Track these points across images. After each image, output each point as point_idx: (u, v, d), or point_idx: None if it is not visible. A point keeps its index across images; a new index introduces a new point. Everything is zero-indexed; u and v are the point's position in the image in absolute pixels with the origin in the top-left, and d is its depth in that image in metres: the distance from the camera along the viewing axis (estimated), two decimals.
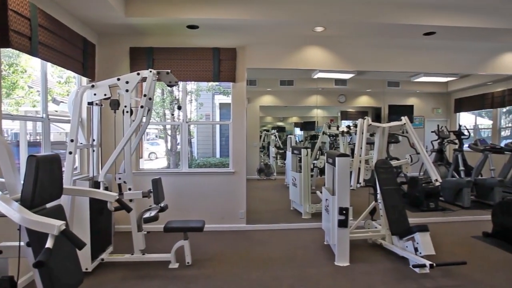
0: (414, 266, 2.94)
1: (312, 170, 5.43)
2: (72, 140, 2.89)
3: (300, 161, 4.92)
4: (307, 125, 7.42)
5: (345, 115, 7.24)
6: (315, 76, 5.49)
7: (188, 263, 3.21)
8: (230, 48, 4.29)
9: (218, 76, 4.25)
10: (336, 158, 3.12)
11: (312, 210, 4.79)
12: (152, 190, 3.17)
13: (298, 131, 7.69)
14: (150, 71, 3.06)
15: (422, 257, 3.02)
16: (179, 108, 4.00)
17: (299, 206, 4.96)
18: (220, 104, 8.24)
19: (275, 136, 7.38)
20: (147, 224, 3.21)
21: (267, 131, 7.50)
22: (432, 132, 6.32)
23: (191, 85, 8.14)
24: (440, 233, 4.22)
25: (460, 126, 6.22)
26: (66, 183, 2.82)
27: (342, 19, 3.87)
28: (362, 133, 3.52)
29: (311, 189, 4.96)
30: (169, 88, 7.40)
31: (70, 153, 2.87)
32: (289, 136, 6.56)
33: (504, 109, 6.59)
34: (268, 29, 4.20)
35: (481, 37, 4.48)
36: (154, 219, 2.98)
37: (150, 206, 3.22)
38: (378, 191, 3.52)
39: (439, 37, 4.46)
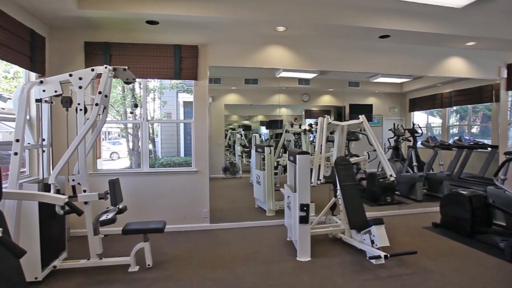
0: (370, 257, 3.09)
1: (276, 168, 5.50)
2: (17, 140, 2.68)
3: (264, 159, 4.96)
4: (272, 124, 7.49)
5: (309, 114, 7.41)
6: (279, 75, 5.56)
7: (148, 265, 3.12)
8: (192, 46, 4.21)
9: (179, 74, 4.16)
10: (297, 156, 3.19)
11: (276, 208, 4.86)
12: (109, 192, 3.03)
13: (264, 130, 7.75)
14: (106, 67, 2.92)
15: (378, 248, 3.18)
16: (136, 106, 3.88)
17: (263, 204, 5.01)
18: (184, 102, 8.09)
19: (240, 134, 7.38)
20: (104, 227, 3.07)
21: (233, 129, 7.48)
22: (389, 130, 6.68)
23: (154, 83, 7.91)
24: (395, 225, 4.47)
25: (413, 124, 6.61)
26: (11, 187, 2.62)
27: (302, 19, 3.95)
28: (322, 131, 3.61)
29: (275, 186, 5.03)
30: (130, 85, 7.15)
31: (16, 154, 2.67)
32: (254, 134, 6.59)
33: (453, 108, 7.11)
34: (231, 27, 4.18)
35: (430, 41, 4.81)
36: (111, 221, 2.85)
37: (108, 208, 3.08)
38: (338, 187, 3.64)
39: (393, 40, 4.72)
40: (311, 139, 5.65)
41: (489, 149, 5.70)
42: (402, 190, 5.82)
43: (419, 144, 6.37)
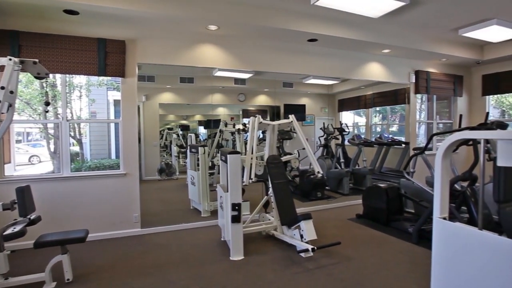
0: (299, 251, 3.24)
1: (212, 168, 5.46)
2: None
3: (198, 159, 4.88)
4: (210, 123, 7.42)
5: (246, 114, 7.50)
6: (215, 74, 5.52)
7: (68, 280, 2.84)
8: (118, 40, 3.95)
9: (104, 70, 3.87)
10: (228, 156, 3.20)
11: (211, 208, 4.82)
12: (16, 201, 2.69)
13: (202, 130, 7.62)
14: (10, 59, 2.58)
15: (306, 242, 3.34)
16: (47, 104, 3.51)
17: (198, 205, 4.93)
18: (114, 101, 7.55)
19: (177, 134, 7.15)
20: (10, 242, 2.71)
21: (170, 129, 7.22)
22: (320, 129, 7.09)
23: (79, 79, 7.25)
24: (324, 218, 4.76)
25: (341, 123, 7.11)
26: None
27: (234, 20, 3.97)
28: (254, 131, 3.68)
29: (211, 187, 4.98)
30: (49, 81, 6.44)
31: None
32: (189, 134, 6.44)
33: (377, 109, 7.82)
34: (161, 23, 4.02)
35: (352, 47, 5.22)
36: (19, 234, 2.53)
37: (15, 220, 2.73)
38: (270, 185, 3.75)
39: (320, 44, 5.01)
40: (245, 138, 5.73)
41: (403, 145, 6.40)
42: (331, 185, 6.22)
43: (346, 142, 6.88)
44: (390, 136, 6.95)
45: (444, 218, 1.66)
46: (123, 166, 4.12)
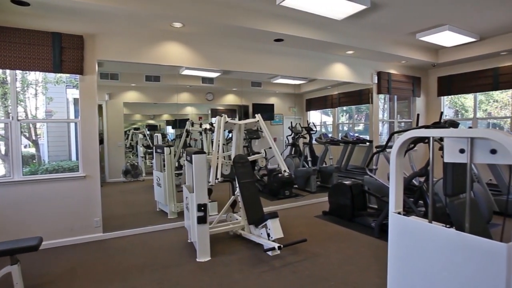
0: (266, 250, 3.26)
1: (180, 168, 5.35)
2: None
3: (164, 160, 4.76)
4: (179, 123, 7.27)
5: (215, 113, 7.42)
6: (182, 73, 5.40)
7: None
8: (75, 35, 3.74)
9: (60, 67, 3.65)
10: (193, 155, 3.14)
11: (178, 209, 4.72)
12: None
13: (170, 129, 7.44)
14: None
15: (273, 241, 3.36)
16: None
17: (165, 207, 4.81)
18: (74, 99, 7.17)
19: (143, 134, 6.93)
20: None
21: (137, 129, 6.98)
22: (288, 128, 7.17)
23: (34, 75, 6.80)
24: (292, 216, 4.83)
25: (308, 123, 7.25)
26: None
27: (199, 17, 3.91)
28: (220, 130, 3.65)
29: (179, 187, 4.88)
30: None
31: None
32: (155, 134, 6.26)
33: (344, 108, 8.05)
34: (123, 18, 3.86)
35: (318, 48, 5.33)
36: None
37: None
38: (237, 184, 3.73)
39: (287, 44, 5.07)
40: (213, 138, 5.66)
41: (368, 143, 6.64)
42: (299, 184, 6.33)
43: (314, 141, 7.02)
44: (356, 134, 7.19)
45: (399, 213, 1.73)
46: (82, 168, 3.92)
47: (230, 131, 4.12)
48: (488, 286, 1.35)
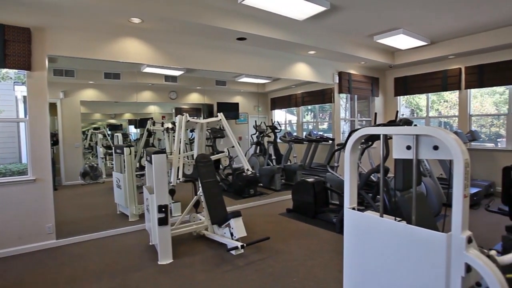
0: (229, 249, 3.24)
1: (142, 169, 5.17)
2: None
3: (124, 160, 4.58)
4: (143, 122, 7.01)
5: (179, 112, 7.25)
6: (144, 71, 5.22)
7: None
8: (21, 27, 3.46)
9: (3, 61, 3.37)
10: (152, 156, 3.05)
11: (139, 211, 4.56)
12: None
13: (133, 129, 7.16)
14: None
15: (237, 240, 3.36)
16: None
17: (126, 209, 4.63)
18: (24, 97, 6.67)
19: (103, 134, 6.60)
20: None
21: (97, 129, 6.63)
22: (253, 127, 7.20)
23: None
24: (256, 214, 4.85)
25: (272, 121, 7.32)
26: None
27: (158, 13, 3.79)
28: (181, 129, 3.57)
29: (141, 189, 4.71)
30: None
31: None
32: (116, 134, 6.00)
33: (309, 107, 8.22)
34: (76, 11, 3.65)
35: (281, 47, 5.40)
36: None
37: None
38: (199, 184, 3.68)
39: (250, 43, 5.08)
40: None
41: (330, 141, 6.84)
42: (264, 182, 6.37)
43: (279, 139, 7.10)
44: (320, 133, 7.38)
45: (353, 208, 1.79)
46: (31, 171, 3.65)
47: (192, 130, 4.04)
48: (431, 272, 1.44)
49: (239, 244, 3.21)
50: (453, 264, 1.40)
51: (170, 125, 4.63)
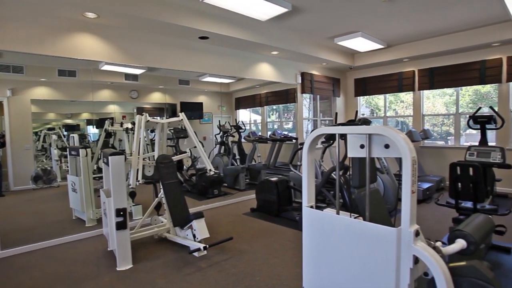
0: (191, 251, 3.18)
1: (100, 171, 4.92)
2: None
3: (80, 163, 4.33)
4: (102, 122, 6.68)
5: (141, 111, 7.00)
6: (102, 68, 4.96)
7: None
8: None
9: None
10: (109, 157, 2.91)
11: (97, 216, 4.34)
12: None
13: (92, 129, 6.78)
14: None
15: (200, 241, 3.31)
16: None
17: (82, 214, 4.39)
18: None
19: (58, 135, 6.19)
20: None
21: (51, 129, 6.20)
22: (217, 126, 7.14)
23: None
24: (220, 215, 4.81)
25: (236, 121, 7.32)
26: None
27: (114, 9, 3.61)
28: (140, 130, 3.45)
29: (99, 192, 4.49)
30: None
31: None
32: (71, 135, 5.66)
33: (274, 107, 8.29)
34: (22, 2, 3.38)
35: (244, 47, 5.40)
36: None
37: None
38: (161, 185, 3.57)
39: (213, 42, 5.02)
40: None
41: (294, 141, 6.96)
42: (228, 182, 6.35)
43: (243, 139, 7.11)
44: (284, 132, 7.47)
45: (311, 207, 1.83)
46: None
47: (153, 131, 3.92)
48: (383, 265, 1.50)
49: (201, 245, 3.16)
50: (402, 257, 1.47)
51: (129, 125, 4.45)
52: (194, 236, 3.32)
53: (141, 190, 4.47)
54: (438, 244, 1.62)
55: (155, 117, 3.76)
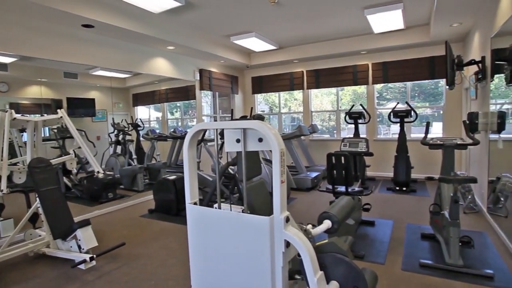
0: (75, 265, 2.87)
1: None
2: None
3: None
4: None
5: (16, 108, 5.91)
6: None
7: None
8: None
9: None
10: None
11: None
12: None
13: None
14: None
15: (86, 252, 3.01)
16: None
17: None
18: None
19: None
20: None
21: None
22: (111, 125, 6.56)
23: None
24: (115, 220, 4.48)
25: (134, 119, 6.87)
26: None
27: None
28: (4, 129, 2.93)
29: None
30: None
31: None
32: None
33: (178, 104, 8.01)
34: None
35: (135, 40, 5.09)
36: None
37: None
38: (36, 194, 3.11)
39: (99, 32, 4.59)
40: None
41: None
42: (125, 183, 5.93)
43: (141, 137, 6.71)
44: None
45: (195, 203, 1.86)
46: None
47: (24, 130, 3.38)
48: (260, 252, 1.63)
49: (87, 256, 2.88)
50: (275, 242, 1.62)
51: None
52: (79, 247, 3.00)
53: (13, 201, 3.82)
54: (309, 227, 1.84)
55: (32, 115, 3.24)
